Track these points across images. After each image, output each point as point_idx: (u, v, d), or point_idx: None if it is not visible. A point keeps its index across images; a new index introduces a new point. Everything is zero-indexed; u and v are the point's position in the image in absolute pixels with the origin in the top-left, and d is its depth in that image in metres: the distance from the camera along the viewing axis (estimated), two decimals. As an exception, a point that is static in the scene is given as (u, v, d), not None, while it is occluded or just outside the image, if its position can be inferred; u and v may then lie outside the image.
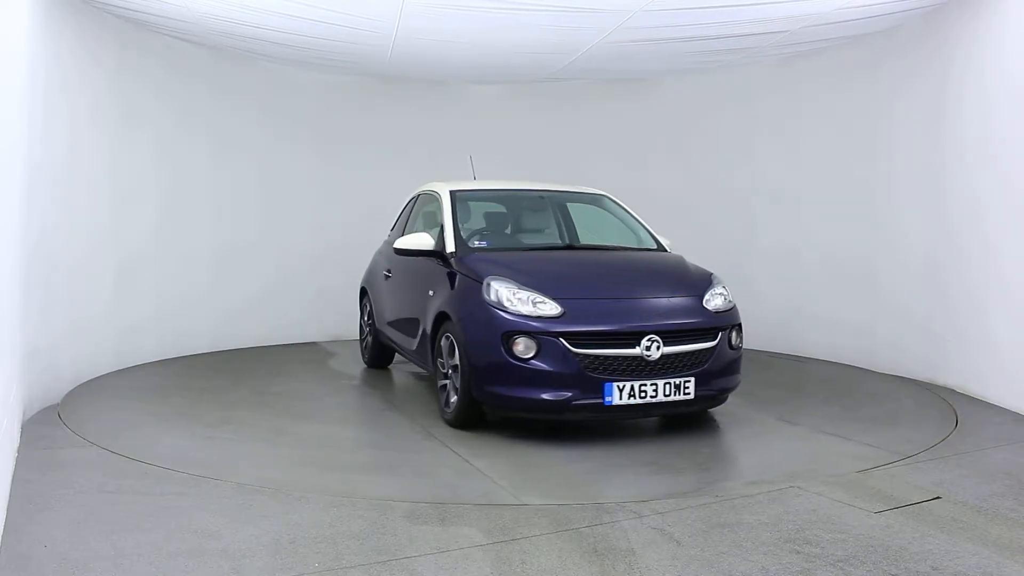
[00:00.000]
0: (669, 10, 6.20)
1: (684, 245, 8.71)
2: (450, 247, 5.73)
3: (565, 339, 4.84)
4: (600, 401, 4.82)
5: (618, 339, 4.89)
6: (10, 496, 3.82)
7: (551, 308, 4.94)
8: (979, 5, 6.14)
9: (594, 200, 6.68)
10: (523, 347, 4.87)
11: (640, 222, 6.45)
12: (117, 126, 6.97)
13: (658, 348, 4.90)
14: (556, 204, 6.63)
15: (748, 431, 5.36)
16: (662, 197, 8.97)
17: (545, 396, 4.85)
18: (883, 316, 7.32)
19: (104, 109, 6.81)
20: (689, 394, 4.97)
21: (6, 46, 4.23)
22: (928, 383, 6.68)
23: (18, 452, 4.56)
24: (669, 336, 4.98)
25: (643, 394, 4.85)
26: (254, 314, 8.46)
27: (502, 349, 4.89)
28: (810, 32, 6.89)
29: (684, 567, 3.15)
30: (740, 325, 5.41)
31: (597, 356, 4.85)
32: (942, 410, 5.80)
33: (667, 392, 4.90)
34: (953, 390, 6.40)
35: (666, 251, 6.19)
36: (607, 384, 4.81)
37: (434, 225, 6.28)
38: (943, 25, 6.56)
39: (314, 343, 8.74)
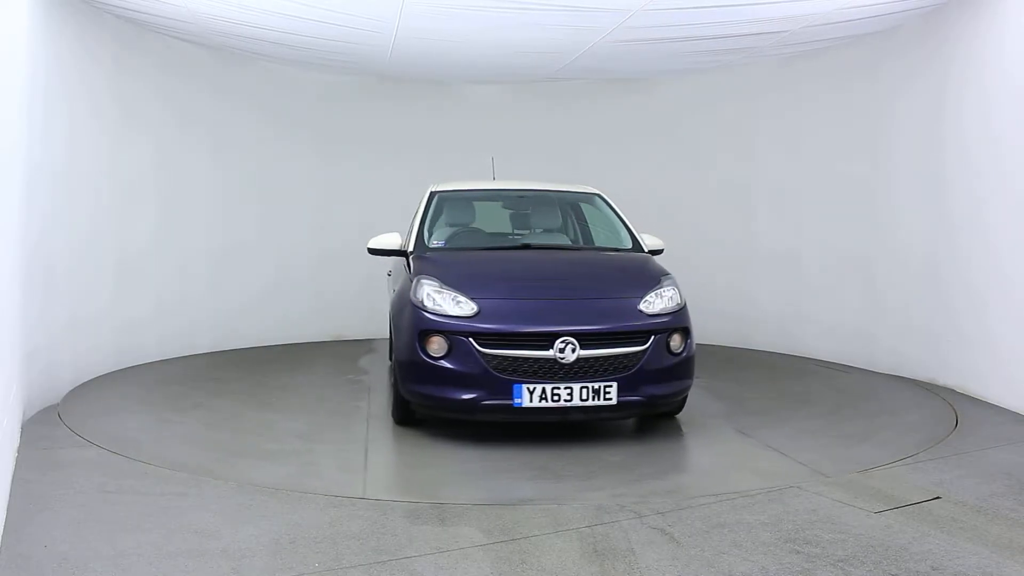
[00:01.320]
0: (669, 10, 6.20)
1: (684, 244, 8.74)
2: (410, 246, 5.84)
3: (474, 339, 4.82)
4: (509, 403, 4.74)
5: (530, 340, 4.80)
6: (10, 496, 3.82)
7: (467, 308, 4.93)
8: (979, 5, 6.14)
9: (585, 199, 6.61)
10: (436, 346, 4.88)
11: (624, 222, 6.28)
12: (117, 126, 6.98)
13: (573, 351, 4.75)
14: (541, 203, 6.61)
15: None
16: (662, 197, 8.97)
17: (456, 396, 4.84)
18: (883, 316, 7.32)
19: (104, 109, 6.81)
20: (611, 400, 4.77)
21: (6, 46, 4.24)
22: (928, 383, 6.68)
23: (18, 452, 4.56)
24: (587, 339, 4.81)
25: (556, 398, 4.72)
26: (254, 314, 8.46)
27: (417, 347, 4.92)
28: (810, 32, 6.89)
29: (684, 567, 3.15)
30: (686, 328, 5.14)
31: (506, 357, 4.78)
32: (942, 410, 5.80)
33: (584, 397, 4.74)
34: (953, 390, 6.40)
35: (641, 251, 5.96)
36: (516, 386, 4.73)
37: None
38: (943, 25, 6.56)
39: (315, 343, 8.73)
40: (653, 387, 4.94)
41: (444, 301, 4.98)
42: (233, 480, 4.18)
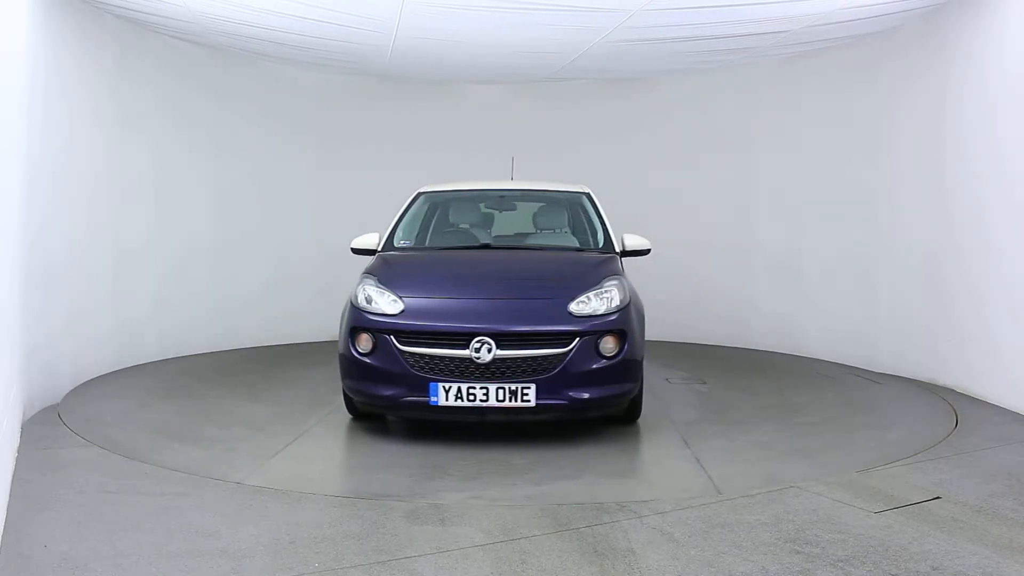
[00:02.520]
0: (669, 10, 6.20)
1: (684, 244, 8.76)
2: (380, 245, 5.98)
3: (396, 337, 4.89)
4: (426, 400, 4.79)
5: (447, 339, 4.82)
6: (10, 496, 3.82)
7: (394, 306, 5.01)
8: (979, 5, 6.14)
9: (569, 198, 6.53)
10: (363, 343, 4.99)
11: (602, 222, 6.15)
12: (116, 125, 6.98)
13: (489, 351, 4.73)
14: (523, 204, 6.60)
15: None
16: (662, 196, 8.98)
17: (380, 392, 4.94)
18: (883, 316, 7.32)
19: (103, 108, 6.81)
20: (529, 402, 4.72)
21: (6, 46, 4.24)
22: (928, 383, 6.68)
23: (18, 452, 4.56)
24: (505, 339, 4.77)
25: (472, 397, 4.73)
26: (254, 314, 8.46)
27: (349, 344, 5.05)
28: (810, 32, 6.89)
29: (684, 567, 3.15)
30: (623, 331, 4.95)
31: (424, 355, 4.83)
32: (942, 410, 5.80)
33: (501, 398, 4.71)
34: (953, 390, 6.40)
35: (611, 251, 5.83)
36: (433, 384, 4.77)
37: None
38: (943, 25, 6.56)
39: (315, 343, 8.73)
40: (578, 391, 4.81)
41: (378, 299, 5.07)
42: (234, 481, 4.19)
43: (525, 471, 4.46)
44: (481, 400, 4.74)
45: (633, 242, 5.97)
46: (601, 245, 5.97)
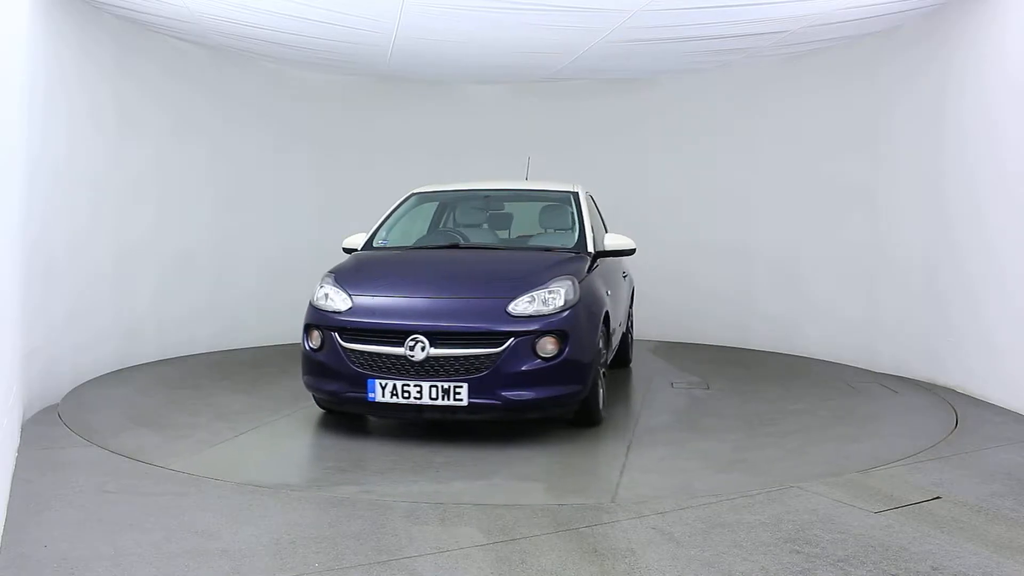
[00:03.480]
0: (669, 10, 6.20)
1: (683, 244, 8.76)
2: (361, 245, 6.11)
3: (339, 333, 5.00)
4: (364, 396, 4.88)
5: (385, 337, 4.90)
6: (10, 496, 3.82)
7: (343, 304, 5.11)
8: (979, 5, 6.14)
9: (556, 197, 6.47)
10: (314, 340, 5.14)
11: (581, 222, 6.02)
12: (116, 125, 6.98)
13: (423, 349, 4.78)
14: (510, 203, 6.65)
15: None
16: (662, 196, 8.98)
17: (326, 387, 5.10)
18: (883, 316, 7.33)
19: (103, 108, 6.81)
20: (462, 401, 4.74)
21: (6, 45, 4.23)
22: (928, 383, 6.68)
23: (18, 452, 4.56)
24: (439, 338, 4.81)
25: (406, 394, 4.79)
26: (255, 314, 8.46)
27: (304, 340, 5.23)
28: (810, 32, 6.89)
29: (684, 567, 3.15)
30: (563, 332, 4.87)
31: (363, 352, 4.93)
32: (942, 410, 5.80)
33: (434, 396, 4.76)
34: (953, 390, 6.40)
35: (583, 252, 5.71)
36: (370, 380, 4.85)
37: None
38: (943, 25, 6.56)
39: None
40: (512, 391, 4.78)
41: (332, 297, 5.19)
42: (234, 481, 4.19)
43: (438, 468, 4.47)
44: (416, 398, 4.79)
45: (613, 242, 5.91)
46: (572, 245, 5.86)
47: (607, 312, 5.52)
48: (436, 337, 4.81)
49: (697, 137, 8.94)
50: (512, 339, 4.80)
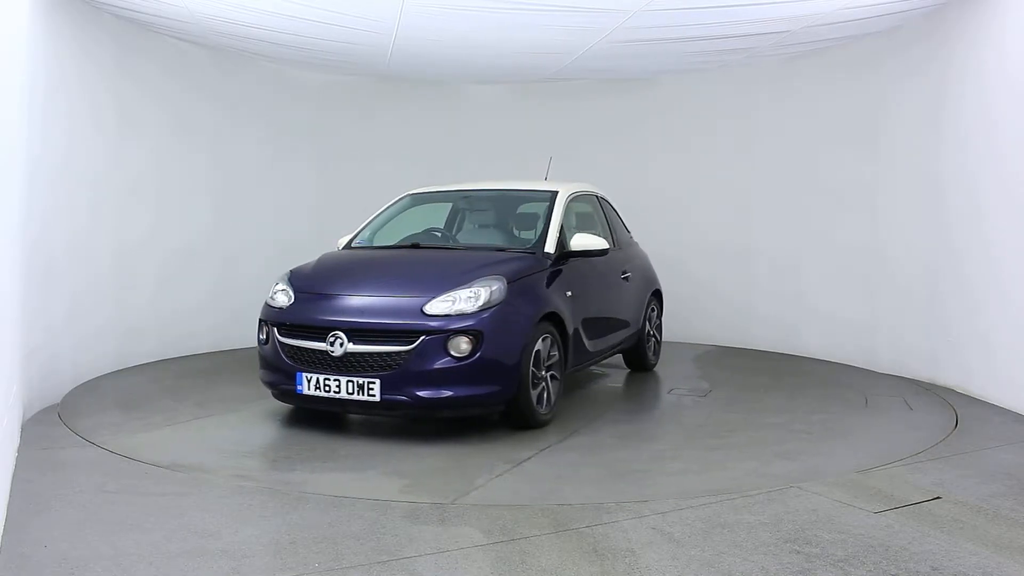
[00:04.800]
0: (669, 10, 6.20)
1: (683, 243, 8.76)
2: (343, 244, 6.36)
3: (278, 328, 5.27)
4: (294, 389, 5.08)
5: (310, 332, 5.09)
6: (10, 496, 3.82)
7: (285, 300, 5.39)
8: (979, 5, 6.14)
9: (535, 198, 6.41)
10: (262, 334, 5.43)
11: (548, 222, 5.90)
12: (115, 125, 6.97)
13: (341, 345, 4.92)
14: (491, 204, 6.61)
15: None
16: (662, 196, 8.98)
17: (267, 378, 5.37)
18: (883, 316, 7.33)
19: (102, 108, 6.81)
20: (374, 396, 4.84)
21: (6, 45, 4.23)
22: (928, 383, 6.68)
23: (18, 452, 4.56)
24: (357, 334, 4.93)
25: (327, 388, 4.96)
26: (255, 313, 8.41)
27: (257, 334, 5.50)
28: (810, 32, 6.89)
29: (684, 567, 3.15)
30: (477, 332, 4.87)
31: (293, 346, 5.16)
32: (942, 410, 5.80)
33: (350, 390, 4.89)
34: (953, 390, 6.40)
35: (538, 252, 5.64)
36: (298, 374, 5.05)
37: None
38: (943, 25, 6.56)
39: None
40: (422, 389, 4.83)
41: (280, 294, 5.47)
42: (235, 481, 4.18)
43: (330, 459, 4.64)
44: (335, 392, 4.94)
45: (581, 242, 5.86)
46: (530, 245, 5.80)
47: (561, 314, 5.43)
48: (354, 334, 4.94)
49: (697, 137, 8.94)
50: (423, 337, 4.86)
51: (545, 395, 5.33)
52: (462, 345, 4.86)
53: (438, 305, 4.96)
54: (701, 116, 8.91)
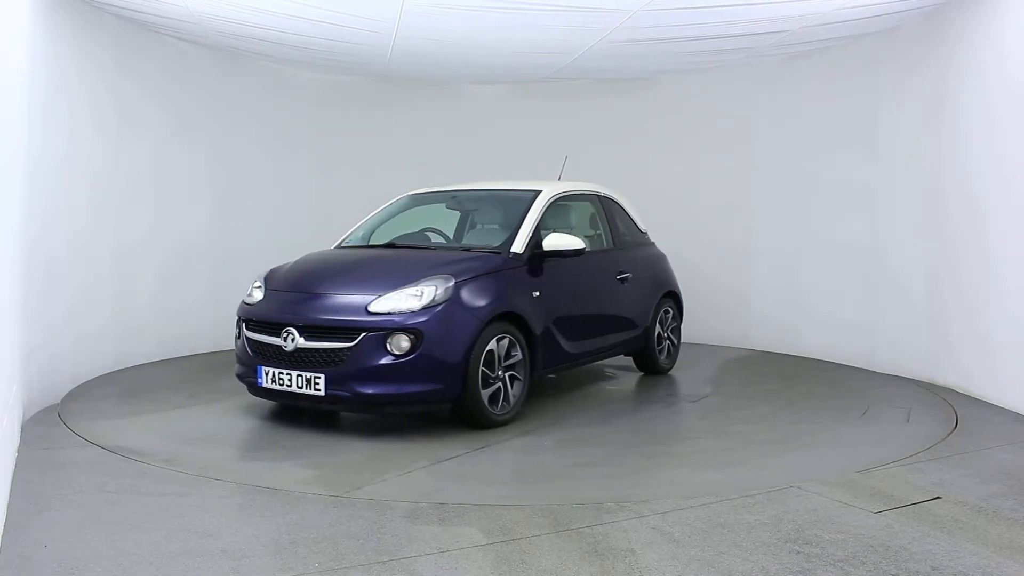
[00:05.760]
0: (669, 10, 6.20)
1: (683, 243, 8.76)
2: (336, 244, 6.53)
3: (246, 324, 5.48)
4: (255, 381, 5.27)
5: (268, 328, 5.27)
6: (10, 496, 3.82)
7: (257, 296, 5.60)
8: (979, 5, 6.14)
9: (517, 197, 6.31)
10: (237, 330, 5.63)
11: (522, 221, 5.85)
12: (115, 125, 6.97)
13: (292, 340, 5.07)
14: (479, 204, 6.62)
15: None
16: (662, 196, 8.97)
17: (238, 372, 5.58)
18: (883, 316, 7.32)
19: (102, 108, 6.81)
20: (319, 391, 4.97)
21: (6, 46, 4.23)
22: (928, 383, 6.68)
23: (18, 452, 4.56)
24: (308, 331, 5.06)
25: (281, 382, 5.12)
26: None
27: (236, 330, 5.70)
28: (810, 32, 6.89)
29: (684, 567, 3.15)
30: (418, 331, 4.91)
31: (255, 341, 5.35)
32: (942, 410, 5.80)
33: (299, 384, 5.04)
34: (953, 390, 6.40)
35: (503, 252, 5.62)
36: (259, 367, 5.25)
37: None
38: (942, 25, 6.56)
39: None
40: (363, 386, 4.92)
41: (254, 291, 5.68)
42: (234, 481, 4.19)
43: (264, 448, 4.89)
44: (287, 386, 5.10)
45: (553, 243, 5.78)
46: (496, 245, 5.78)
47: (523, 314, 5.39)
48: (305, 330, 5.07)
49: (697, 137, 8.94)
50: (364, 334, 4.94)
51: (502, 395, 5.30)
52: (402, 343, 4.93)
53: (383, 303, 5.04)
54: (701, 116, 8.91)
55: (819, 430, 5.34)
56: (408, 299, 5.04)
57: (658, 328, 7.11)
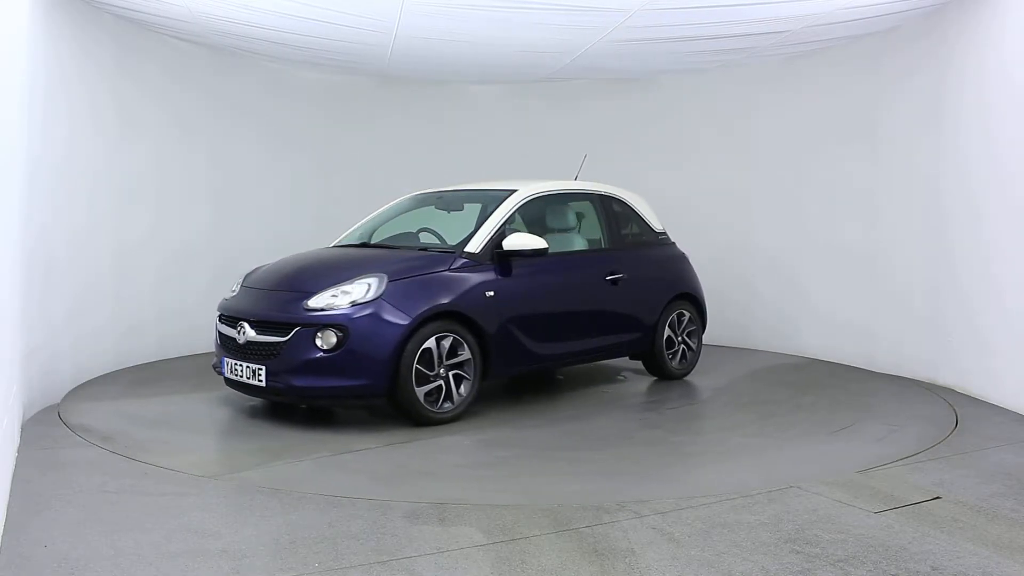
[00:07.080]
0: (669, 10, 6.20)
1: (683, 243, 8.73)
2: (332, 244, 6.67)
3: (219, 317, 5.71)
4: (222, 371, 5.51)
5: (230, 322, 5.52)
6: (10, 496, 3.82)
7: (232, 292, 5.83)
8: (979, 5, 6.14)
9: (492, 197, 6.30)
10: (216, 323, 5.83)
11: (480, 223, 5.90)
12: (115, 125, 6.97)
13: (243, 334, 5.33)
14: (457, 205, 6.68)
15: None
16: (662, 196, 8.94)
17: (213, 363, 5.78)
18: (883, 316, 7.32)
19: (102, 108, 6.81)
20: (261, 382, 5.19)
21: (6, 46, 4.23)
22: (928, 383, 6.68)
23: (18, 452, 4.56)
24: (256, 325, 5.30)
25: (237, 373, 5.36)
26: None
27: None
28: (810, 32, 6.89)
29: (684, 567, 3.15)
30: (344, 327, 5.03)
31: (221, 333, 5.61)
32: (942, 410, 5.80)
33: (248, 375, 5.27)
34: (953, 390, 6.40)
35: (457, 251, 5.67)
36: (223, 358, 5.50)
37: None
38: (942, 25, 6.56)
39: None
40: (296, 378, 5.11)
41: (235, 286, 5.90)
42: (234, 481, 4.19)
43: (186, 430, 5.21)
44: (239, 376, 5.34)
45: (514, 242, 5.75)
46: (453, 244, 5.85)
47: (470, 314, 5.39)
48: (255, 324, 5.31)
49: (697, 137, 8.93)
50: (297, 329, 5.13)
51: (443, 394, 5.32)
52: (330, 338, 5.08)
53: (319, 300, 5.21)
54: (701, 116, 8.90)
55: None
56: (341, 295, 5.22)
57: (668, 331, 6.90)
